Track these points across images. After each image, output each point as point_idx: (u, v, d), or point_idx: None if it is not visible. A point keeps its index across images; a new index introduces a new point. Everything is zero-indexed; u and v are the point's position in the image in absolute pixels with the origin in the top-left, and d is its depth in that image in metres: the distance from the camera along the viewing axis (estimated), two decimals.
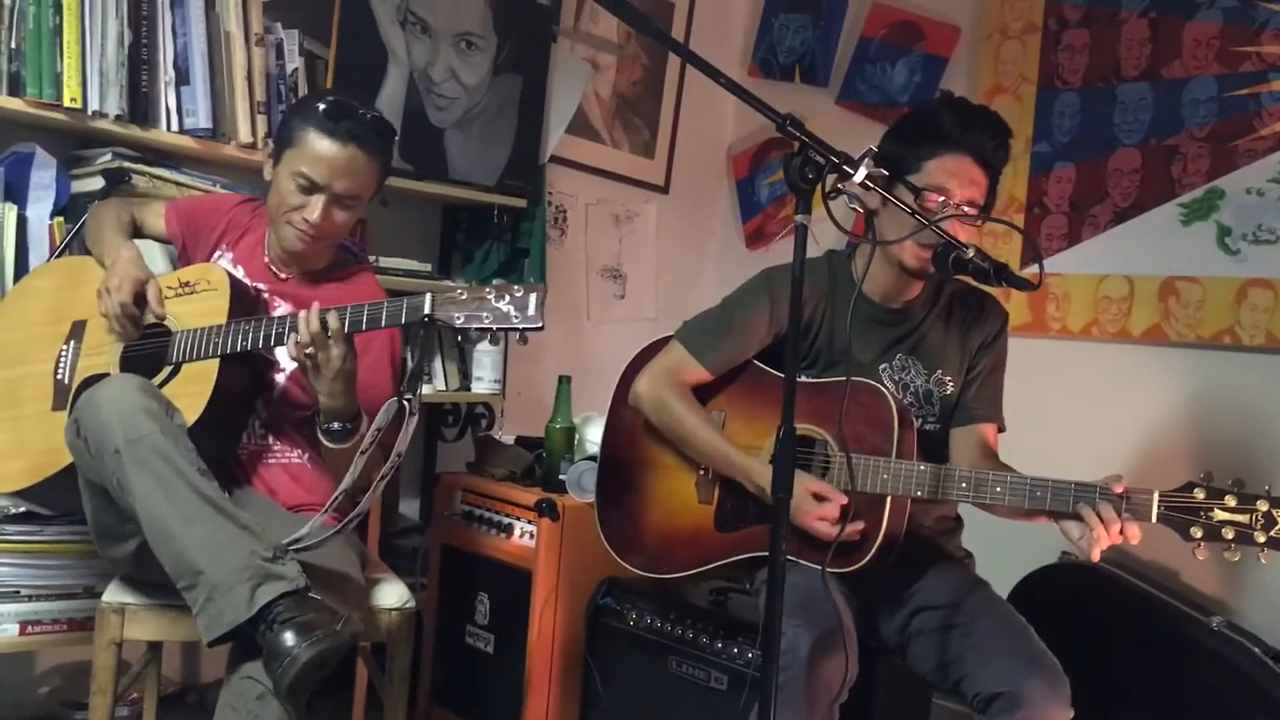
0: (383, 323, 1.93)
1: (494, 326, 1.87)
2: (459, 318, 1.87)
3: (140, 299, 2.12)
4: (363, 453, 1.93)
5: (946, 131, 2.08)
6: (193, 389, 2.04)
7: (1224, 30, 2.94)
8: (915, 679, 2.18)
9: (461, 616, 2.87)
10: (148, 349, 2.13)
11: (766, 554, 1.63)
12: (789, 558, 1.70)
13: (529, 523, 2.71)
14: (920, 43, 3.62)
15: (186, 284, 2.16)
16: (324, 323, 1.94)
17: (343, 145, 2.10)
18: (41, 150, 2.40)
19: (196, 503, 1.81)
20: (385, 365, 2.25)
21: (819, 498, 2.00)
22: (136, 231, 2.32)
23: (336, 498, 1.96)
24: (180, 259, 2.35)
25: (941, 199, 2.05)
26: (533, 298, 1.85)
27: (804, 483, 2.01)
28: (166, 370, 2.09)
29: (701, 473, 2.24)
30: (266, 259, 2.28)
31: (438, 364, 3.14)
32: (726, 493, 2.21)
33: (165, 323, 2.13)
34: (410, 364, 1.97)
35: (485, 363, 3.17)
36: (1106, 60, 3.16)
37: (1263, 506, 1.76)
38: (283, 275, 2.28)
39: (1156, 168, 3.05)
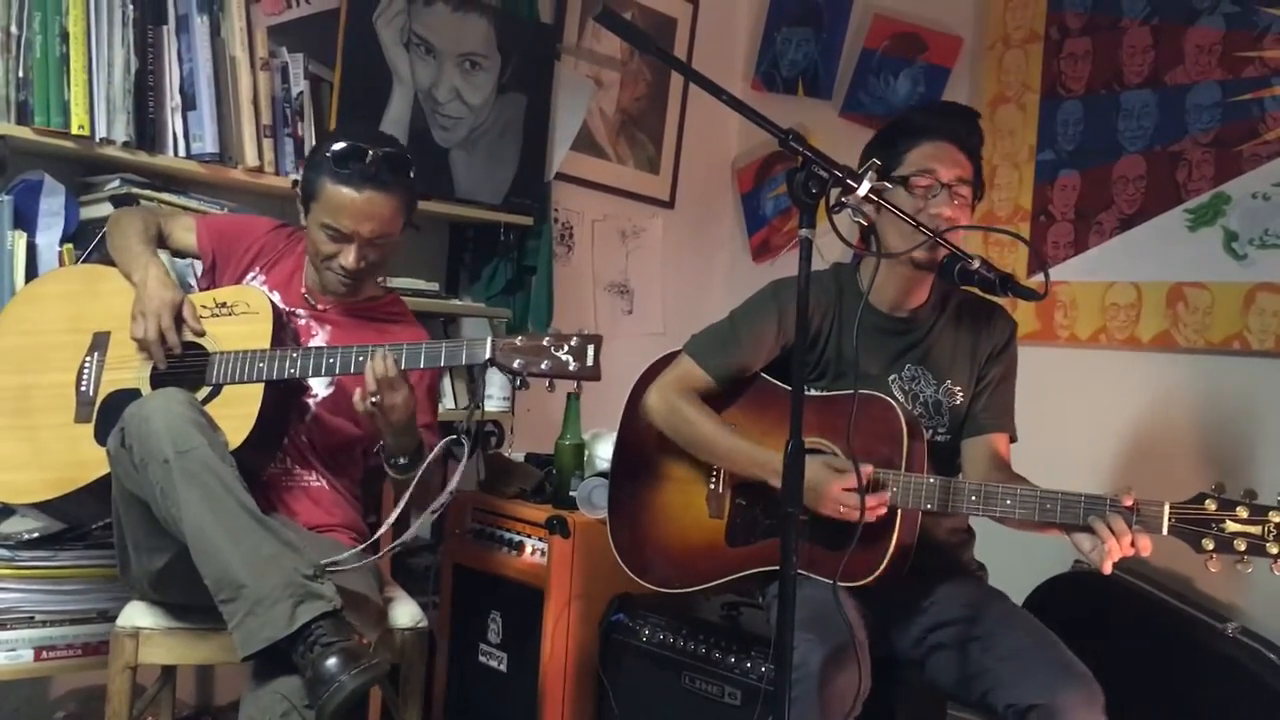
0: (441, 362, 2.02)
1: (552, 374, 1.94)
2: (517, 363, 1.94)
3: (175, 321, 2.14)
4: (414, 483, 2.02)
5: (917, 124, 2.16)
6: (237, 411, 2.06)
7: (1226, 36, 2.94)
8: (930, 691, 2.17)
9: (474, 635, 2.86)
10: (181, 368, 2.14)
11: (778, 568, 1.63)
12: (800, 571, 1.70)
13: (540, 540, 2.71)
14: (923, 54, 3.62)
15: (224, 304, 2.18)
16: (391, 365, 1.99)
17: (358, 190, 2.11)
18: (50, 178, 2.41)
19: (243, 517, 1.84)
20: (423, 394, 2.27)
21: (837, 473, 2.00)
22: (161, 243, 2.32)
23: (381, 531, 2.01)
24: (204, 276, 2.35)
25: (930, 181, 2.09)
26: (590, 348, 1.92)
27: (820, 460, 2.00)
28: (205, 390, 2.10)
29: (712, 486, 2.24)
30: (304, 290, 2.31)
31: (447, 383, 3.14)
32: (737, 507, 2.21)
33: (201, 342, 2.15)
34: (464, 403, 2.03)
35: (495, 381, 3.17)
36: (1109, 68, 3.17)
37: (1275, 518, 1.75)
38: (320, 306, 2.30)
39: (1161, 174, 3.05)
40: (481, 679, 2.85)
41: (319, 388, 2.25)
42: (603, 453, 2.87)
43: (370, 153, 2.11)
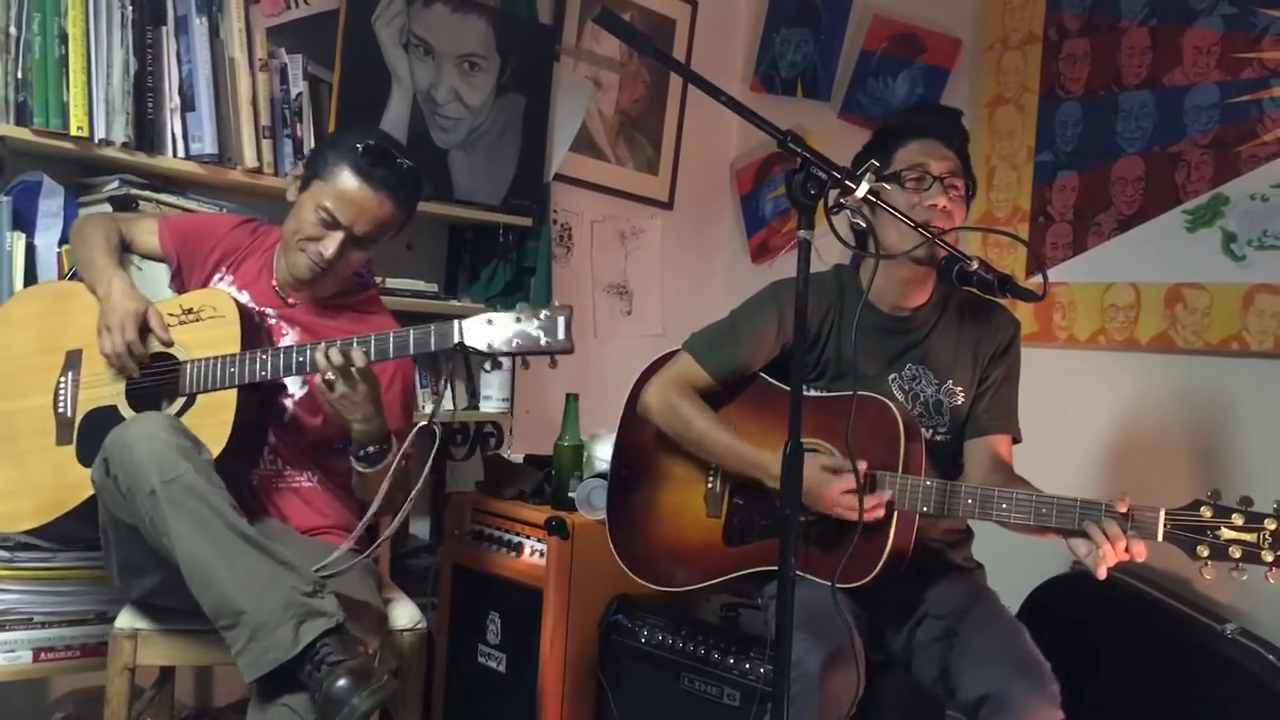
0: (411, 350, 1.95)
1: (523, 351, 1.88)
2: (489, 343, 1.88)
3: (143, 331, 2.10)
4: (389, 477, 1.96)
5: (900, 126, 2.21)
6: (213, 420, 2.03)
7: (1224, 37, 2.94)
8: (925, 692, 2.17)
9: (473, 636, 2.87)
10: (154, 380, 2.11)
11: (774, 568, 1.63)
12: (797, 572, 1.70)
13: (539, 541, 2.71)
14: (921, 55, 3.62)
15: (190, 310, 2.15)
16: (349, 356, 1.95)
17: (373, 191, 2.11)
18: (49, 179, 2.41)
19: (235, 541, 1.82)
20: (397, 390, 2.25)
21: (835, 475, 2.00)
22: (126, 249, 2.29)
23: (365, 524, 1.99)
24: (174, 279, 2.32)
25: (919, 176, 2.11)
26: (561, 320, 1.86)
27: (817, 461, 2.00)
28: (180, 401, 2.08)
29: (709, 486, 2.24)
30: (274, 283, 2.27)
31: (445, 383, 3.14)
32: (735, 506, 2.21)
33: (172, 351, 2.12)
34: (434, 390, 1.99)
35: (493, 381, 3.17)
36: (1108, 69, 3.17)
37: (1270, 525, 1.75)
38: (291, 301, 2.26)
39: (1160, 175, 3.05)
40: (480, 680, 2.85)
41: (294, 387, 2.22)
42: (602, 454, 2.87)
43: (400, 161, 2.13)
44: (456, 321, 1.91)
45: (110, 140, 2.43)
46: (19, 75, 2.34)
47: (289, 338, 2.24)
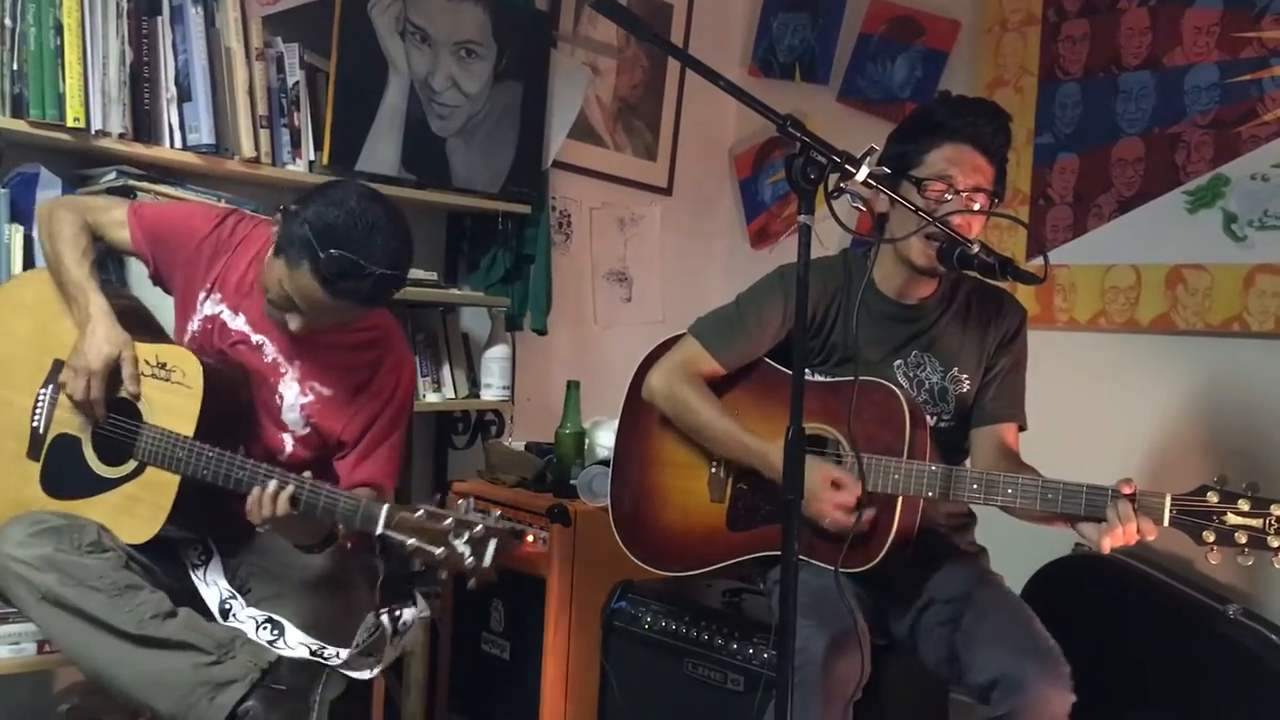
0: (336, 516, 1.84)
1: (444, 565, 1.73)
2: (411, 542, 1.74)
3: (115, 373, 2.00)
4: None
5: (941, 121, 2.11)
6: (153, 498, 1.96)
7: (1224, 17, 2.93)
8: (929, 675, 2.18)
9: (477, 624, 2.87)
10: (117, 432, 2.02)
11: (778, 553, 1.63)
12: (800, 557, 1.70)
13: (541, 529, 2.70)
14: (920, 38, 3.61)
15: (163, 365, 2.01)
16: (276, 502, 1.84)
17: (333, 297, 1.90)
18: (46, 170, 2.41)
19: (117, 645, 1.82)
20: (387, 451, 2.17)
21: (836, 486, 2.00)
22: (96, 241, 2.14)
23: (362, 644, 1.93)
24: (153, 279, 2.20)
25: (944, 188, 2.06)
26: (491, 544, 1.69)
27: (821, 470, 2.00)
28: (131, 465, 1.99)
29: (713, 471, 2.24)
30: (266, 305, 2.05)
31: (446, 371, 3.14)
32: (738, 491, 2.21)
33: (138, 404, 2.01)
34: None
35: (494, 369, 3.18)
36: (1107, 50, 3.16)
37: (1277, 511, 1.74)
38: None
39: (1160, 156, 3.04)
40: (484, 667, 2.85)
41: (296, 427, 2.11)
42: (603, 441, 2.87)
43: (369, 272, 1.89)
44: (385, 508, 1.78)
45: (107, 131, 2.42)
46: (14, 67, 2.33)
47: (288, 377, 2.10)
